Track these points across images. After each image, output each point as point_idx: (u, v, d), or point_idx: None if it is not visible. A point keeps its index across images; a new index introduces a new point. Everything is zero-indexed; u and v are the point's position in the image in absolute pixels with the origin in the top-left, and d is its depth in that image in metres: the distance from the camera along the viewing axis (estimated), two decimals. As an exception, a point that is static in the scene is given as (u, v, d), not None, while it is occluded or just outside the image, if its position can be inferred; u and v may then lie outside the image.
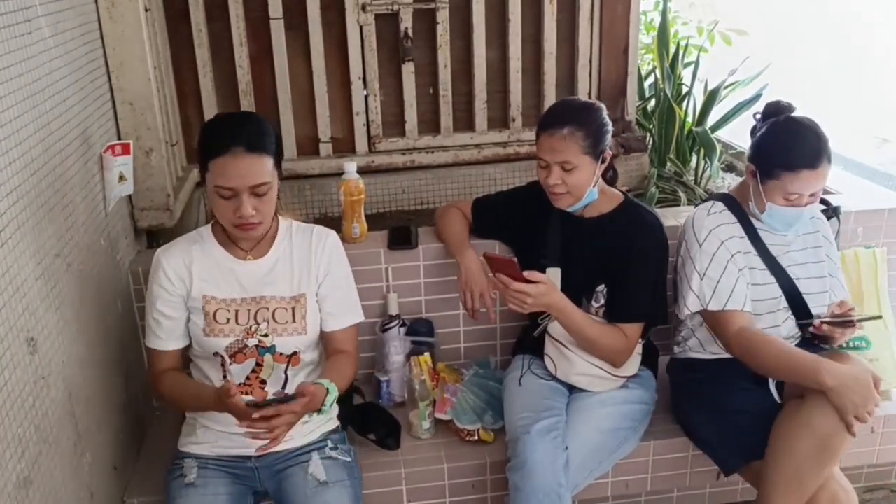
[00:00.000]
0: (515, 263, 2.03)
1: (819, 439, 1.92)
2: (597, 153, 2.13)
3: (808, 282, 2.20)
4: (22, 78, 1.73)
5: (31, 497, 1.58)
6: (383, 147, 4.13)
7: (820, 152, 2.03)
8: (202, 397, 1.88)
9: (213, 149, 1.79)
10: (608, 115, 2.18)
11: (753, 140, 2.17)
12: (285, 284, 1.97)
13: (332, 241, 2.03)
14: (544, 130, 2.14)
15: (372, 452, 2.21)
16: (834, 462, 1.98)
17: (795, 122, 2.09)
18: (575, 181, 2.13)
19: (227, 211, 1.82)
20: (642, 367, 2.27)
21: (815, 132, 2.05)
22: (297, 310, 1.96)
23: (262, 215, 1.83)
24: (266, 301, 1.95)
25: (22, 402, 1.59)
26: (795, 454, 1.95)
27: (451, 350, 2.59)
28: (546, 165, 2.14)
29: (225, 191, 1.79)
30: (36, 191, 1.75)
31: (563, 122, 2.10)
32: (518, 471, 2.00)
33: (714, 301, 2.12)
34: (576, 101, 2.24)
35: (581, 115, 2.12)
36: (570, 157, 2.10)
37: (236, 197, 1.79)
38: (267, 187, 1.81)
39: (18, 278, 1.62)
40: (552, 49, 4.16)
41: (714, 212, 2.20)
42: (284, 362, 1.97)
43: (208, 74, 3.85)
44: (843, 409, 1.88)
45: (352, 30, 3.92)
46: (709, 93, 4.60)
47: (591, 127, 2.11)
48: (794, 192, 2.05)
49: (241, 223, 1.82)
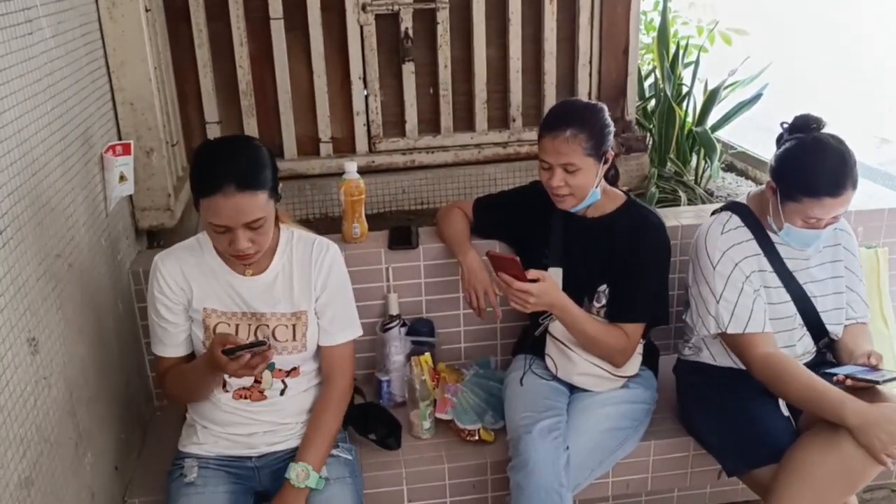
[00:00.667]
0: (518, 262, 2.02)
1: (845, 464, 1.85)
2: (599, 154, 2.12)
3: (825, 299, 2.14)
4: (23, 78, 1.73)
5: (32, 497, 1.58)
6: (384, 147, 4.14)
7: (844, 179, 1.93)
8: (198, 367, 1.88)
9: (203, 187, 1.72)
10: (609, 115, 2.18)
11: (776, 153, 2.06)
12: (285, 301, 1.93)
13: (332, 255, 1.97)
14: (547, 132, 2.12)
15: (372, 452, 2.21)
16: (857, 489, 1.92)
17: (821, 143, 1.97)
18: (578, 183, 2.12)
19: (222, 243, 1.79)
20: (643, 367, 2.27)
21: (842, 156, 1.94)
22: (297, 327, 1.94)
23: (259, 245, 1.79)
24: (266, 318, 1.92)
25: (23, 402, 1.59)
26: (818, 476, 1.88)
27: (452, 350, 2.59)
28: (549, 167, 2.13)
29: (218, 227, 1.75)
30: (37, 191, 1.75)
31: (566, 125, 2.09)
32: (520, 470, 2.00)
33: (733, 324, 2.07)
34: (578, 103, 2.23)
35: (584, 117, 2.11)
36: (574, 159, 2.09)
37: (230, 232, 1.75)
38: (262, 221, 1.76)
39: (20, 278, 1.62)
40: (552, 49, 4.17)
41: (729, 229, 2.12)
42: (283, 377, 1.96)
43: (209, 75, 3.85)
44: (872, 448, 1.82)
45: (352, 30, 3.93)
46: (709, 93, 4.61)
47: (593, 128, 2.10)
48: (814, 216, 1.97)
49: (236, 255, 1.79)
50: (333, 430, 1.97)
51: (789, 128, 2.08)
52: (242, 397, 1.95)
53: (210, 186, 1.71)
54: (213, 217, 1.73)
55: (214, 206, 1.72)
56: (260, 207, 1.74)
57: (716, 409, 2.18)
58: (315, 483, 1.87)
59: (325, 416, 1.97)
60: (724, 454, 2.16)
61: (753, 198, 2.18)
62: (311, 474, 1.87)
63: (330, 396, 1.99)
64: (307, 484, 1.86)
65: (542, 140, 2.14)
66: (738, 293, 2.07)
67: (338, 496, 1.90)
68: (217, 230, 1.76)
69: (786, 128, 2.09)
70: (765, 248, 2.11)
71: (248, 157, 1.77)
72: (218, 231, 1.76)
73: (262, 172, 1.76)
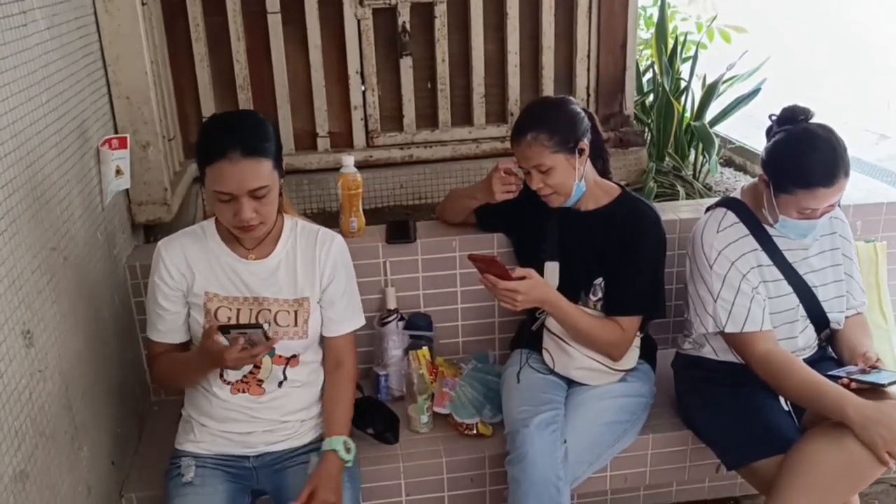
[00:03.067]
0: (499, 262, 2.02)
1: (851, 463, 1.84)
2: (568, 148, 2.11)
3: (825, 288, 2.14)
4: (18, 70, 1.72)
5: (27, 490, 1.58)
6: (381, 142, 4.13)
7: (836, 168, 1.93)
8: (191, 359, 1.91)
9: (209, 154, 1.75)
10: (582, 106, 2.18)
11: (767, 146, 2.06)
12: (288, 287, 1.94)
13: (338, 246, 1.99)
14: (513, 139, 2.16)
15: (370, 446, 2.21)
16: (862, 486, 1.91)
17: (810, 134, 1.96)
18: (556, 181, 2.13)
19: (227, 214, 1.80)
20: (641, 361, 2.27)
21: (832, 146, 1.94)
22: (299, 313, 1.94)
23: (263, 217, 1.81)
24: (269, 303, 1.93)
25: (18, 395, 1.58)
26: (824, 474, 1.86)
27: (450, 344, 2.59)
28: (527, 172, 2.16)
29: (223, 195, 1.77)
30: (32, 183, 1.74)
31: (525, 129, 2.11)
32: (517, 464, 2.00)
33: (731, 324, 2.07)
34: (534, 104, 2.24)
35: (540, 117, 2.12)
36: (542, 160, 2.10)
37: (235, 201, 1.77)
38: (266, 190, 1.78)
39: (14, 271, 1.61)
40: (550, 43, 4.16)
41: (724, 227, 2.11)
42: (283, 364, 1.96)
43: (205, 69, 3.84)
44: (873, 445, 1.81)
45: (349, 24, 3.92)
46: (707, 87, 4.60)
47: (554, 125, 2.10)
48: (809, 207, 1.97)
49: (241, 226, 1.80)
50: (351, 404, 2.02)
51: (777, 120, 2.07)
52: (240, 391, 1.94)
53: (215, 152, 1.74)
54: (218, 184, 1.75)
55: (220, 173, 1.74)
56: (265, 175, 1.77)
57: (717, 403, 2.17)
58: (353, 457, 1.92)
59: (345, 394, 2.01)
60: (725, 448, 2.15)
61: (747, 191, 2.18)
62: (353, 447, 1.92)
63: (344, 377, 2.03)
64: (350, 458, 1.91)
65: (513, 147, 2.17)
66: (735, 292, 2.07)
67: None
68: (222, 198, 1.77)
69: (774, 120, 2.08)
70: (762, 241, 2.10)
71: (254, 126, 1.81)
72: (223, 200, 1.77)
73: (267, 142, 1.80)
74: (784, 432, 2.02)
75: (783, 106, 2.07)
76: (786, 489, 1.90)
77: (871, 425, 1.82)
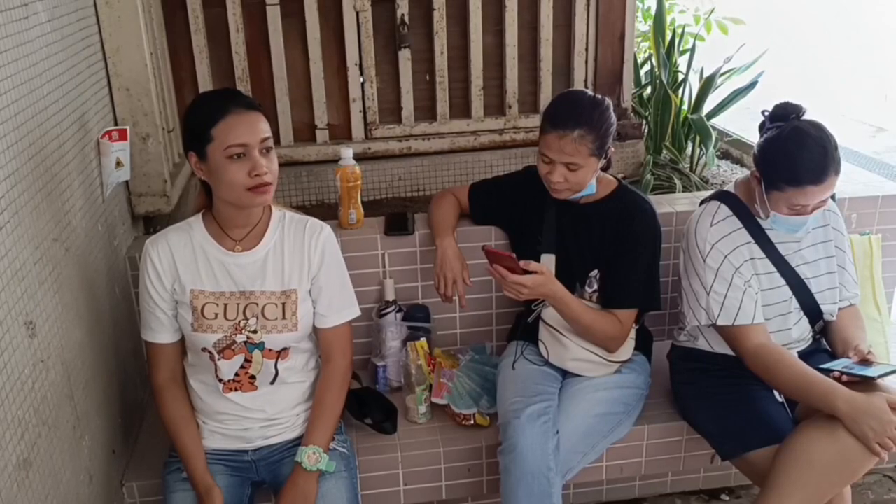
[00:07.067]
0: (515, 259, 2.01)
1: (844, 455, 1.86)
2: (602, 152, 2.11)
3: (818, 280, 2.16)
4: (19, 62, 1.73)
5: (30, 478, 1.60)
6: (380, 134, 4.14)
7: (826, 167, 1.93)
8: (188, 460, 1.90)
9: (213, 115, 1.76)
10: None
11: (758, 142, 2.06)
12: (275, 279, 1.91)
13: (326, 236, 1.96)
14: (553, 129, 2.06)
15: (369, 437, 2.23)
16: (855, 478, 1.92)
17: (801, 132, 1.97)
18: (578, 179, 2.11)
19: (240, 174, 1.77)
20: (636, 352, 2.28)
21: (822, 144, 1.94)
22: (287, 306, 1.91)
23: (273, 176, 1.80)
24: (256, 296, 1.90)
25: (21, 384, 1.60)
26: (817, 465, 1.88)
27: (448, 335, 2.61)
28: (550, 162, 2.10)
29: (236, 148, 1.75)
30: (33, 175, 1.76)
31: (576, 125, 2.04)
32: (508, 454, 2.02)
33: (723, 317, 2.08)
34: (584, 100, 2.12)
35: (593, 118, 2.06)
36: (578, 159, 2.06)
37: (248, 157, 1.76)
38: (272, 142, 1.81)
39: (17, 261, 1.63)
40: (548, 36, 4.17)
41: (718, 220, 2.12)
42: (274, 358, 1.93)
43: (205, 61, 3.85)
44: (864, 437, 1.83)
45: (348, 16, 3.93)
46: (704, 80, 4.61)
47: (600, 129, 2.07)
48: (799, 203, 1.98)
49: (256, 183, 1.77)
50: (338, 410, 1.98)
51: (770, 116, 2.07)
52: (233, 389, 1.93)
53: (220, 110, 1.77)
54: (230, 137, 1.75)
55: (229, 126, 1.76)
56: (268, 129, 1.81)
57: (712, 395, 2.19)
58: (325, 465, 1.88)
59: (328, 396, 1.97)
60: (720, 438, 2.17)
61: (741, 184, 2.19)
62: (322, 457, 1.88)
63: (332, 375, 1.99)
64: (318, 466, 1.87)
65: (547, 136, 2.09)
66: (728, 286, 2.08)
67: (332, 491, 1.89)
68: (235, 152, 1.76)
69: (767, 116, 2.08)
70: (755, 235, 2.12)
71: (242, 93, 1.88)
72: (236, 155, 1.76)
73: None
74: (778, 423, 2.04)
75: (776, 103, 2.08)
76: (779, 480, 1.92)
77: (861, 417, 1.84)
